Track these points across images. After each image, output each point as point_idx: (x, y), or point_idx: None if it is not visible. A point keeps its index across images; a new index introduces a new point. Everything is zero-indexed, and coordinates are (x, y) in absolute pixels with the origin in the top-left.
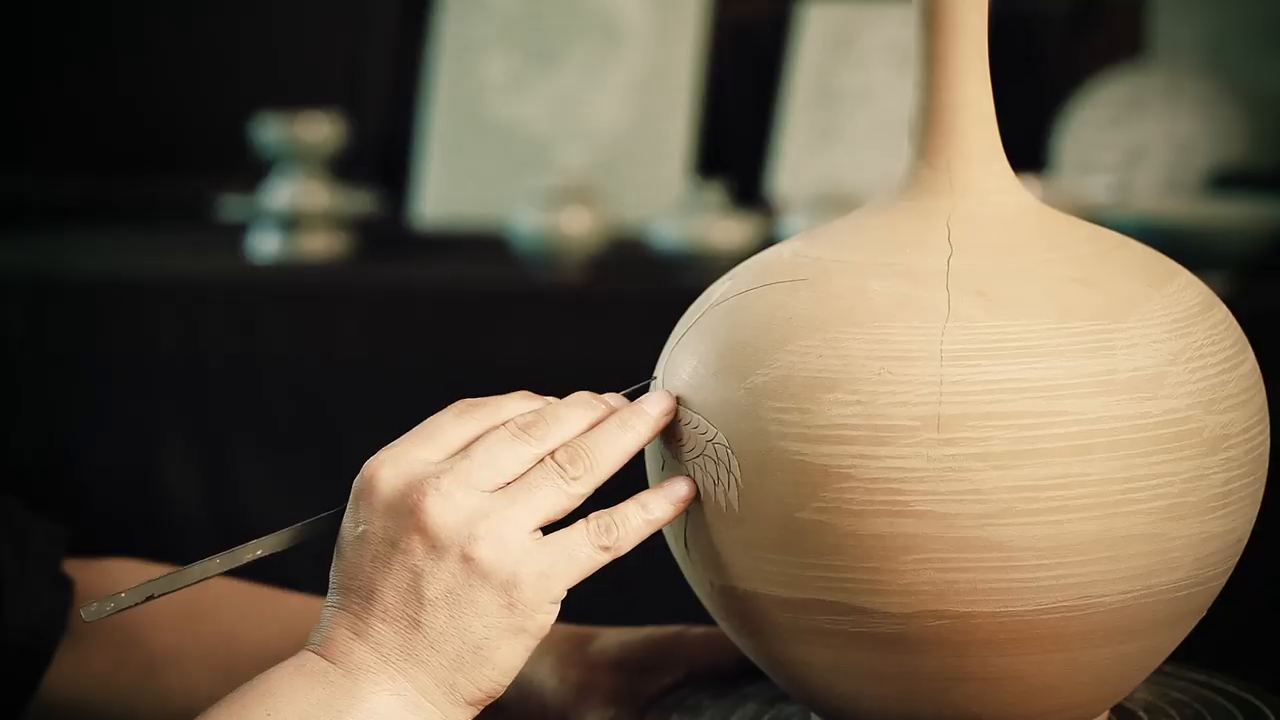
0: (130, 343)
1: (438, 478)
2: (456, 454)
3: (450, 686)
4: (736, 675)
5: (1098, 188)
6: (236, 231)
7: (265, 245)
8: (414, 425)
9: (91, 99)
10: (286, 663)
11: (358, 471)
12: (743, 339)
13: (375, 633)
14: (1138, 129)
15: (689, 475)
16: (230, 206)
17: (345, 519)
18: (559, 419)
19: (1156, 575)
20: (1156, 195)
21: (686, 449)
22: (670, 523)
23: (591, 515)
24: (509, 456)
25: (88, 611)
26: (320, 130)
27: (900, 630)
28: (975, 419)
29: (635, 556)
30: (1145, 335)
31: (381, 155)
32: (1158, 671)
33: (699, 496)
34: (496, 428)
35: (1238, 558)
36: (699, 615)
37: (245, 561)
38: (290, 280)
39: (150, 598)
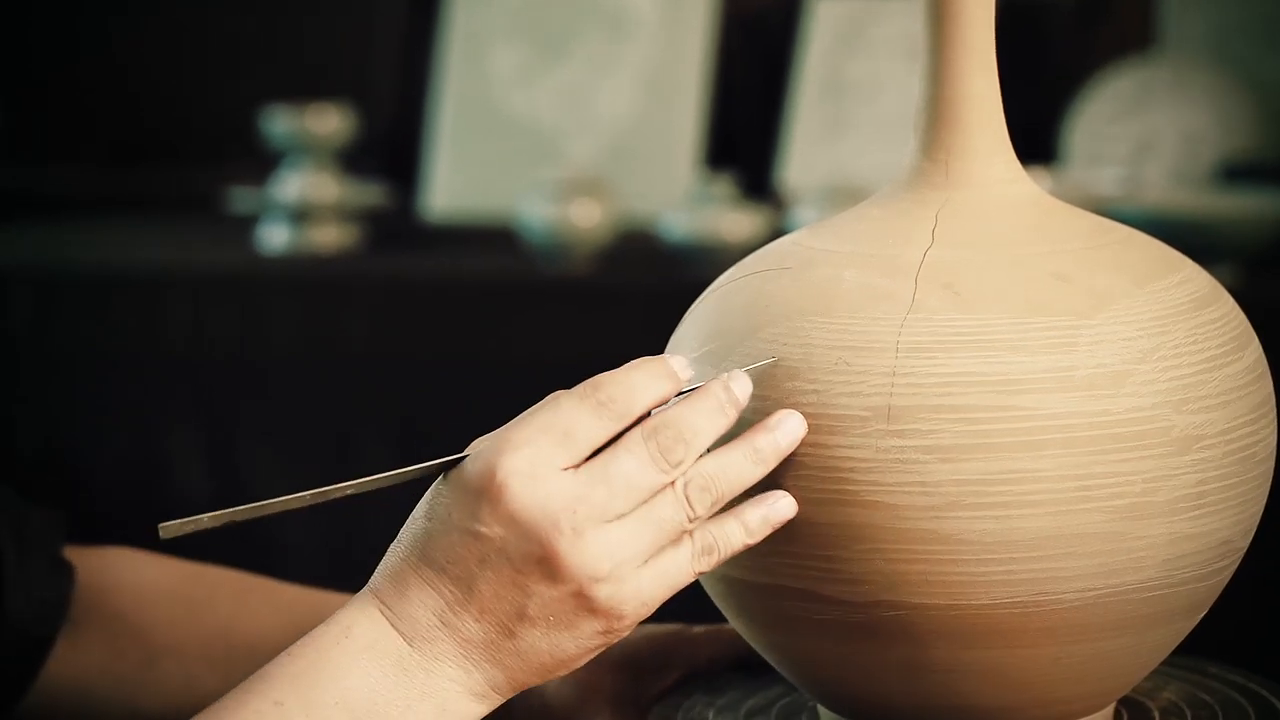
0: (138, 335)
1: (574, 512)
2: (593, 465)
3: (520, 684)
4: (735, 673)
5: (1106, 180)
6: (246, 223)
7: (274, 237)
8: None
9: (100, 90)
10: (355, 632)
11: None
12: (724, 325)
13: (465, 627)
14: (1146, 121)
15: None
16: (240, 198)
17: (455, 501)
18: (696, 436)
19: (1120, 574)
20: (1165, 187)
21: None
22: None
23: (697, 533)
24: (643, 484)
25: (166, 529)
26: (330, 122)
27: (861, 619)
28: (925, 411)
29: None
30: (1114, 332)
31: (391, 147)
32: (1197, 671)
33: None
34: (632, 439)
35: (1232, 559)
36: (697, 613)
37: (334, 499)
38: (299, 272)
39: (233, 523)
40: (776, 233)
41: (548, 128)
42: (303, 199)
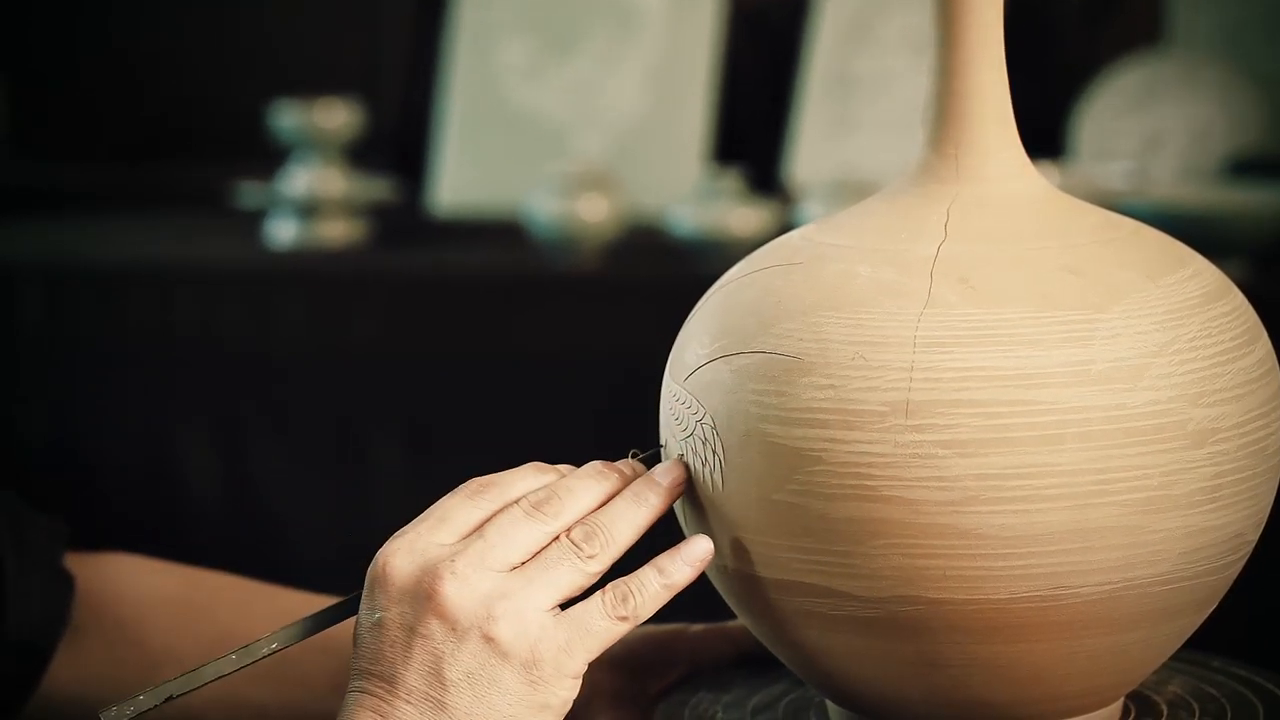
0: (146, 331)
1: (452, 560)
2: (470, 535)
3: None
4: (739, 669)
5: (1115, 175)
6: (254, 219)
7: (282, 232)
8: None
9: (107, 86)
10: None
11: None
12: (734, 321)
13: (400, 714)
14: (1155, 116)
15: (683, 455)
16: (247, 193)
17: (361, 606)
18: (572, 494)
19: (1137, 568)
20: (1174, 182)
21: (681, 428)
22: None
23: (609, 585)
24: (523, 535)
25: (106, 715)
26: (338, 117)
27: (876, 614)
28: (943, 406)
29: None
30: (1130, 326)
31: (399, 142)
32: (1201, 665)
33: (692, 476)
34: (509, 506)
35: (1243, 551)
36: (698, 611)
37: (261, 656)
38: (307, 267)
39: (170, 698)
40: (784, 227)
41: (555, 122)
42: (310, 194)
